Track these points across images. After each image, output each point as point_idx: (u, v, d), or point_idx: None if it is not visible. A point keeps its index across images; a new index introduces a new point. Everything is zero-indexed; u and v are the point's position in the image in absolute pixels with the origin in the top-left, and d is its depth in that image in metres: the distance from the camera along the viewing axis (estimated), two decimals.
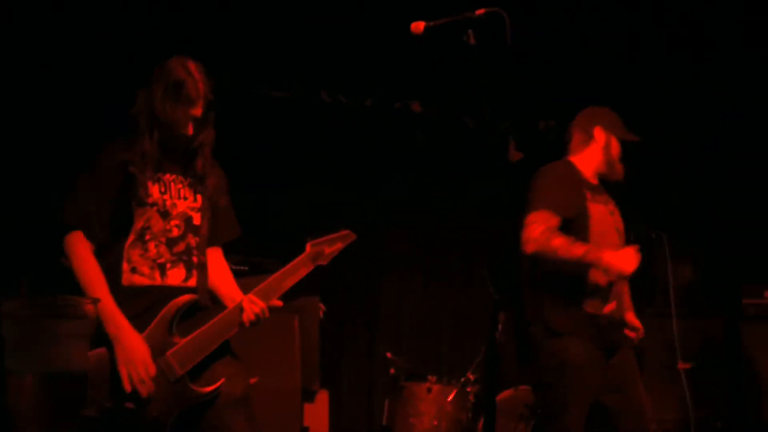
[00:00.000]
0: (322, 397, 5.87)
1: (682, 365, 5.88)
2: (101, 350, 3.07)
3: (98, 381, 3.03)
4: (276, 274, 3.38)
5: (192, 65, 3.31)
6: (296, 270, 3.41)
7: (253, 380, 4.96)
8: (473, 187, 6.84)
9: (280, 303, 3.40)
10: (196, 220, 3.33)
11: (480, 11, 3.15)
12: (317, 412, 5.75)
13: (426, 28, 3.26)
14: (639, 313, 4.23)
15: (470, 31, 3.17)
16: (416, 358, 6.76)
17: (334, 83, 6.99)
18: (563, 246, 3.82)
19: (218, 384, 3.19)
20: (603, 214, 4.10)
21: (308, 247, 3.46)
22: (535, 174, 4.11)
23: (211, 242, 3.47)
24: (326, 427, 5.93)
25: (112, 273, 3.17)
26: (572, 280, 3.96)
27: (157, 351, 3.12)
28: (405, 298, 7.32)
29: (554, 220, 3.90)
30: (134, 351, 3.05)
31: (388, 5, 5.89)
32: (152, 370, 3.07)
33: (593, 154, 4.22)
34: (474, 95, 3.25)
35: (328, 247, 3.52)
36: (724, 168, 7.15)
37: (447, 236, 7.39)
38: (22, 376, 2.72)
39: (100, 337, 3.07)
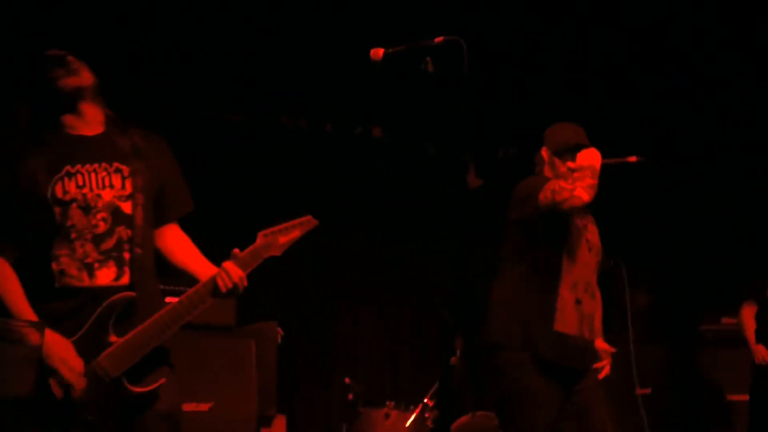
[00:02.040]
0: (279, 423, 5.83)
1: (639, 391, 5.91)
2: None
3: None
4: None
5: (51, 54, 3.11)
6: (244, 265, 3.17)
7: (207, 405, 4.96)
8: (432, 213, 6.86)
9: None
10: (126, 208, 3.10)
11: (438, 39, 3.17)
12: None
13: (385, 55, 3.27)
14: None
15: (428, 59, 3.18)
16: (374, 383, 6.74)
17: (294, 108, 7.00)
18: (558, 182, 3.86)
19: (156, 385, 3.02)
20: (576, 227, 4.11)
21: (259, 237, 3.21)
22: (517, 186, 4.14)
23: (162, 221, 3.29)
24: None
25: (43, 276, 3.03)
26: (541, 299, 3.97)
27: (92, 353, 2.97)
28: (362, 324, 7.31)
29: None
30: (51, 353, 2.91)
31: (349, 31, 5.93)
32: (76, 366, 2.93)
33: (549, 174, 4.25)
34: (434, 122, 3.27)
35: (283, 235, 3.22)
36: (681, 192, 7.24)
37: (405, 261, 7.40)
38: None
39: None
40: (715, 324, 6.76)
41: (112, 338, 3.00)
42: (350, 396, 5.99)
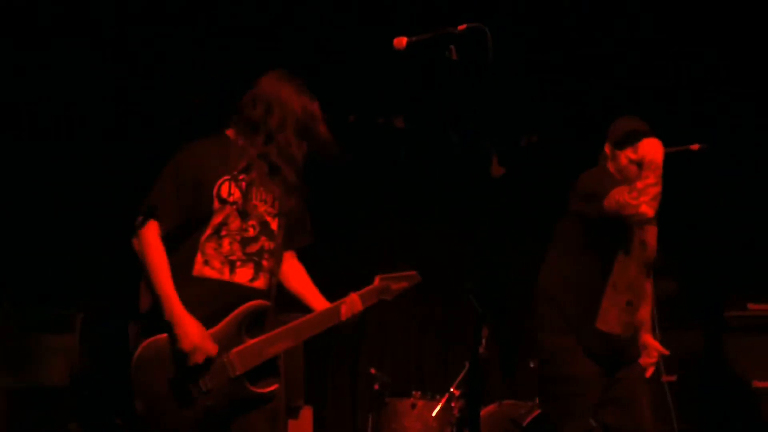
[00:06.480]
0: (306, 413, 5.85)
1: (665, 378, 5.89)
2: (162, 336, 3.14)
3: (153, 369, 3.12)
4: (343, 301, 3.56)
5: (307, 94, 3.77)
6: (364, 301, 3.63)
7: None
8: (457, 202, 6.84)
9: None
10: (273, 225, 3.41)
11: (462, 27, 3.16)
12: (301, 428, 5.73)
13: (408, 43, 3.26)
14: None
15: (452, 47, 3.18)
16: (400, 373, 6.74)
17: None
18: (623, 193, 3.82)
19: (273, 388, 3.29)
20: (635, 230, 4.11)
21: (377, 281, 3.69)
22: (580, 178, 4.12)
23: (285, 246, 3.54)
24: None
25: (186, 263, 3.25)
26: (588, 295, 4.00)
27: (224, 347, 3.20)
28: (389, 314, 7.31)
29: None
30: (190, 335, 3.12)
31: (372, 20, 5.92)
32: (211, 350, 3.15)
33: (612, 168, 4.19)
34: (457, 111, 3.26)
35: (395, 284, 3.75)
36: (705, 177, 7.18)
37: (431, 251, 7.39)
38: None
39: (157, 324, 3.14)
40: (740, 310, 6.71)
41: (245, 338, 3.25)
42: (376, 386, 6.01)
